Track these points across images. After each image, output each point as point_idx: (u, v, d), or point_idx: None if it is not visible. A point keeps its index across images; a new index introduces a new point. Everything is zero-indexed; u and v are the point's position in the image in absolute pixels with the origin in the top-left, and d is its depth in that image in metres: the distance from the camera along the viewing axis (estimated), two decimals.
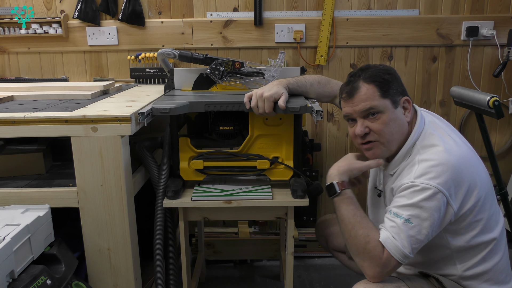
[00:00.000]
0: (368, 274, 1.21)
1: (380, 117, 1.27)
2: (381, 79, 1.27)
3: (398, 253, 1.17)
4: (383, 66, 1.33)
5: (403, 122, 1.30)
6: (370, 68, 1.31)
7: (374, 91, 1.26)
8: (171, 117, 1.51)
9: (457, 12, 2.25)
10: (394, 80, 1.29)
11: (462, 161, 1.22)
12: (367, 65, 1.34)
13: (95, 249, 1.49)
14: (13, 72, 2.34)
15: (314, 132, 2.40)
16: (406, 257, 1.18)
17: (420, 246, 1.19)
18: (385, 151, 1.31)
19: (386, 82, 1.27)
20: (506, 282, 1.31)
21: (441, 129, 1.31)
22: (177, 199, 1.46)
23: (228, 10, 2.26)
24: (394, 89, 1.28)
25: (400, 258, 1.17)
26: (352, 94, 1.28)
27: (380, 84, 1.27)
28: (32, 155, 1.59)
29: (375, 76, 1.28)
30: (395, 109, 1.28)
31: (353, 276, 1.54)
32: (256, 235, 2.33)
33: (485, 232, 1.26)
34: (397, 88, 1.29)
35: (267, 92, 1.38)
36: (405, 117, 1.30)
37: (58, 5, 2.26)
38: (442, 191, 1.16)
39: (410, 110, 1.31)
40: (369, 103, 1.26)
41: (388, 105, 1.27)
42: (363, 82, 1.28)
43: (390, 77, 1.29)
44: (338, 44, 2.27)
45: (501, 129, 2.40)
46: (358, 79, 1.29)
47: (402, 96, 1.30)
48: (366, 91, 1.27)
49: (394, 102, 1.28)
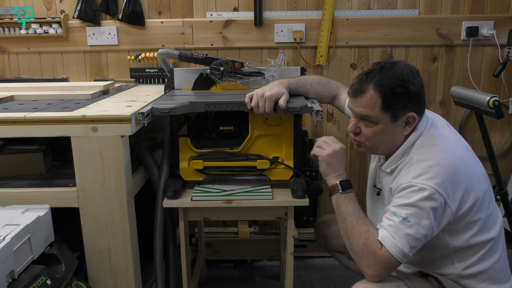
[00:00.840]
0: (368, 273, 1.21)
1: (373, 126, 1.27)
2: (390, 92, 1.22)
3: (397, 251, 1.17)
4: (402, 74, 1.22)
5: (397, 135, 1.28)
6: (388, 72, 1.23)
7: (376, 102, 1.23)
8: (171, 117, 1.51)
9: (457, 12, 2.25)
10: (405, 94, 1.22)
11: (460, 161, 1.22)
12: (389, 64, 1.25)
13: (95, 249, 1.49)
14: (13, 72, 2.34)
15: (314, 132, 2.40)
16: (405, 256, 1.18)
17: (419, 245, 1.19)
18: (370, 153, 1.36)
19: (393, 96, 1.22)
20: (504, 281, 1.31)
21: (441, 129, 1.31)
22: (177, 199, 1.46)
23: (228, 10, 2.26)
24: (400, 105, 1.23)
25: (398, 256, 1.17)
26: (357, 95, 1.27)
27: (386, 97, 1.22)
28: (32, 155, 1.59)
29: (386, 86, 1.22)
30: (393, 123, 1.26)
31: (353, 276, 1.54)
32: (256, 235, 2.33)
33: (483, 232, 1.26)
34: (404, 103, 1.23)
35: (268, 92, 1.39)
36: (404, 130, 1.28)
37: (58, 5, 2.26)
38: (439, 192, 1.17)
39: (412, 125, 1.27)
40: (366, 112, 1.25)
41: (386, 118, 1.25)
42: (372, 86, 1.23)
43: (402, 90, 1.22)
44: (338, 44, 2.27)
45: (501, 129, 2.40)
46: (369, 81, 1.24)
47: (408, 111, 1.25)
48: (369, 98, 1.24)
49: (394, 117, 1.25)
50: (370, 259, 1.19)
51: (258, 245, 2.31)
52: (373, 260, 1.19)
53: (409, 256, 1.18)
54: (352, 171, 2.45)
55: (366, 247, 1.20)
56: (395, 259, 1.18)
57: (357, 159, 2.43)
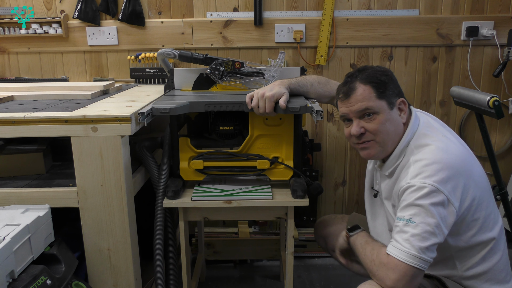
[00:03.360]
0: (387, 284, 1.16)
1: (375, 117, 1.28)
2: (378, 80, 1.28)
3: (404, 256, 1.14)
4: (380, 68, 1.34)
5: (399, 123, 1.31)
6: (367, 69, 1.32)
7: (370, 92, 1.27)
8: (171, 117, 1.51)
9: (457, 12, 2.25)
10: (390, 81, 1.30)
11: (456, 159, 1.22)
12: (364, 67, 1.35)
13: (95, 249, 1.49)
14: (13, 72, 2.34)
15: (314, 132, 2.40)
16: (418, 259, 1.13)
17: (431, 245, 1.15)
18: (380, 152, 1.31)
19: (382, 83, 1.28)
20: (506, 281, 1.31)
21: (435, 129, 1.32)
22: (177, 199, 1.46)
23: (228, 10, 2.26)
24: (390, 91, 1.29)
25: (409, 261, 1.13)
26: (349, 95, 1.29)
27: (377, 85, 1.28)
28: (32, 155, 1.59)
29: (372, 77, 1.29)
30: (391, 110, 1.29)
31: (353, 276, 1.54)
32: (256, 235, 2.33)
33: (483, 232, 1.26)
34: (393, 89, 1.30)
35: (269, 92, 1.39)
36: (401, 118, 1.31)
37: (58, 5, 2.26)
38: (439, 189, 1.16)
39: (405, 112, 1.32)
40: (365, 104, 1.27)
41: (384, 106, 1.28)
42: (360, 82, 1.29)
43: (387, 78, 1.30)
44: (338, 44, 2.27)
45: (501, 129, 2.40)
46: (355, 79, 1.30)
47: (398, 97, 1.31)
48: (362, 91, 1.28)
49: (390, 104, 1.29)
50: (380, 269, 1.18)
51: (258, 245, 2.31)
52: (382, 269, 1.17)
53: (426, 259, 1.14)
54: (352, 171, 2.45)
55: (373, 260, 1.20)
56: (405, 264, 1.13)
57: (357, 159, 2.43)
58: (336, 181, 2.46)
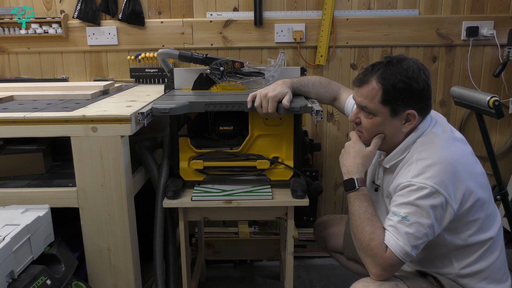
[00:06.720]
0: (371, 271, 1.21)
1: (372, 117, 1.28)
2: (391, 86, 1.22)
3: (400, 251, 1.17)
4: (411, 70, 1.23)
5: (396, 131, 1.28)
6: (394, 67, 1.24)
7: (377, 94, 1.25)
8: (171, 117, 1.51)
9: (457, 12, 2.25)
10: (406, 91, 1.22)
11: (460, 161, 1.22)
12: (399, 59, 1.26)
13: (95, 249, 1.49)
14: (13, 72, 2.34)
15: (314, 132, 2.40)
16: (408, 256, 1.18)
17: (420, 245, 1.19)
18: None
19: (394, 90, 1.22)
20: (503, 281, 1.32)
21: (443, 128, 1.32)
22: (177, 199, 1.46)
23: (228, 10, 2.26)
24: (400, 100, 1.23)
25: (402, 256, 1.17)
26: (360, 85, 1.30)
27: (387, 90, 1.23)
28: (32, 155, 1.59)
29: (389, 80, 1.23)
30: (392, 118, 1.26)
31: (353, 276, 1.54)
32: (256, 235, 2.33)
33: (482, 231, 1.26)
34: (405, 100, 1.23)
35: (272, 92, 1.39)
36: (403, 127, 1.28)
37: (58, 5, 2.26)
38: (439, 191, 1.16)
39: (412, 123, 1.27)
40: (366, 103, 1.27)
41: (385, 112, 1.26)
42: (375, 78, 1.25)
43: (403, 86, 1.22)
44: (338, 44, 2.27)
45: (501, 129, 2.40)
46: (374, 73, 1.26)
47: (409, 108, 1.24)
48: (371, 90, 1.26)
49: (393, 111, 1.25)
50: (374, 259, 1.20)
51: (258, 245, 2.31)
52: (377, 261, 1.19)
53: (412, 256, 1.18)
54: None
55: (371, 248, 1.20)
56: (398, 259, 1.18)
57: None
58: (336, 181, 2.46)
